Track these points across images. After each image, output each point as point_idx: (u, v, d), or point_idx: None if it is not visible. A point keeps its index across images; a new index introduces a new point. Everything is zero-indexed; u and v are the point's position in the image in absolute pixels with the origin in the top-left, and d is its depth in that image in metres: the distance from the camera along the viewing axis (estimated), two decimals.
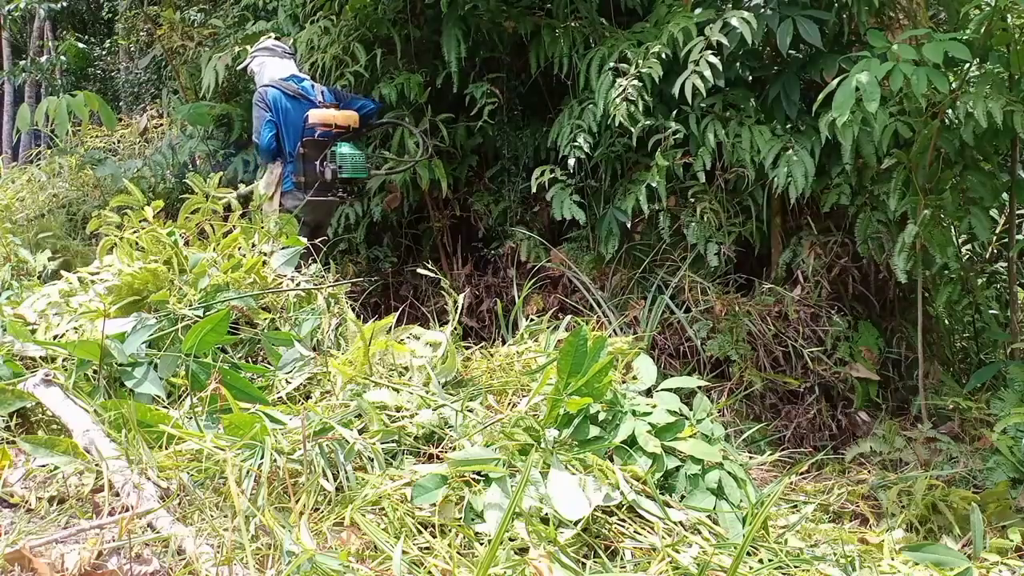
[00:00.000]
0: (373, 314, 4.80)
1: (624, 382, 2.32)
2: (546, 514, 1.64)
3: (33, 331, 2.39)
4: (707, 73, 3.76)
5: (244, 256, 2.83)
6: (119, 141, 7.70)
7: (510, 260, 4.85)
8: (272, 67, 4.67)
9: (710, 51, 3.80)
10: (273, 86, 4.57)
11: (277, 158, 4.57)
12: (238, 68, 5.14)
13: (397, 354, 2.32)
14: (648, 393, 2.23)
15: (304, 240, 3.14)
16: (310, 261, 3.30)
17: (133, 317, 2.32)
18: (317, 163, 4.43)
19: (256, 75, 4.74)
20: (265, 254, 2.90)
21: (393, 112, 4.81)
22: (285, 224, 3.29)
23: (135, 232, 2.85)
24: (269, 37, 4.88)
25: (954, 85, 3.40)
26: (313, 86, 4.67)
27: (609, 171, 4.49)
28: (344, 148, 4.46)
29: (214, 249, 2.87)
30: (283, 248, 3.00)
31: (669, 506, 1.79)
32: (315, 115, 4.47)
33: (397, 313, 2.80)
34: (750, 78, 4.35)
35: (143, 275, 2.51)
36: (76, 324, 2.39)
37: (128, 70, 8.71)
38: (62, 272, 2.84)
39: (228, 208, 3.23)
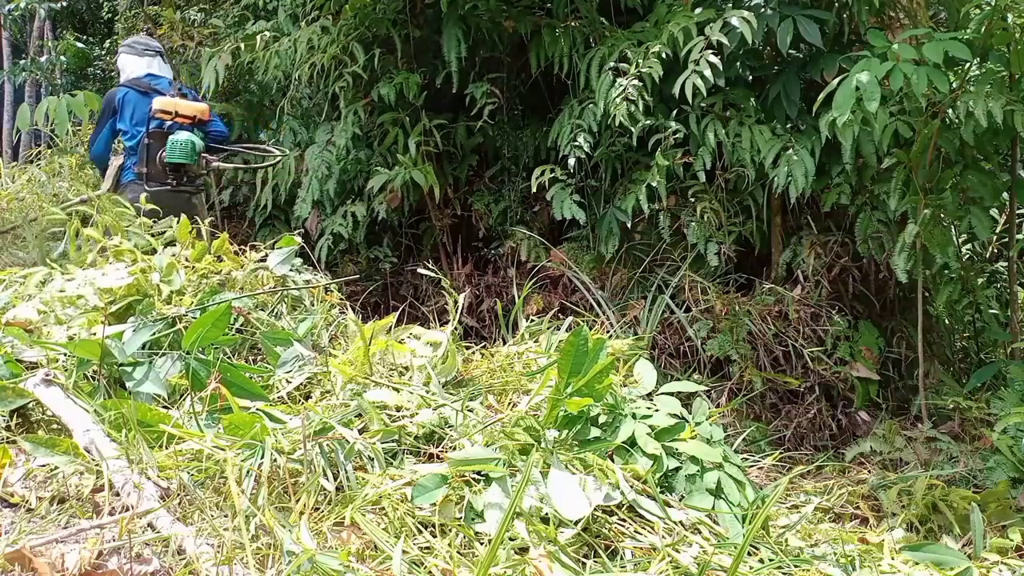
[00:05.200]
0: (373, 314, 4.80)
1: (624, 385, 2.32)
2: (546, 514, 1.64)
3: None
4: (707, 73, 3.76)
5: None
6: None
7: (510, 260, 4.85)
8: (131, 66, 4.71)
9: (710, 51, 3.80)
10: (125, 86, 4.61)
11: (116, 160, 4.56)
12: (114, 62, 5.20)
13: (397, 354, 2.32)
14: (648, 397, 2.23)
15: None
16: None
17: (130, 321, 2.33)
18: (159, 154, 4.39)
19: (121, 72, 4.80)
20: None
21: (391, 114, 4.81)
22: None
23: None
24: (137, 34, 4.90)
25: (954, 85, 3.40)
26: (171, 83, 4.65)
27: (609, 171, 4.48)
28: (178, 135, 4.37)
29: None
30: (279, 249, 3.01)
31: (669, 506, 1.79)
32: (158, 102, 4.42)
33: (397, 313, 2.80)
34: (750, 78, 4.35)
35: (127, 286, 2.54)
36: (72, 332, 2.39)
37: None
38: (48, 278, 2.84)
39: None
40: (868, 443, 3.43)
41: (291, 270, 2.98)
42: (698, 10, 4.01)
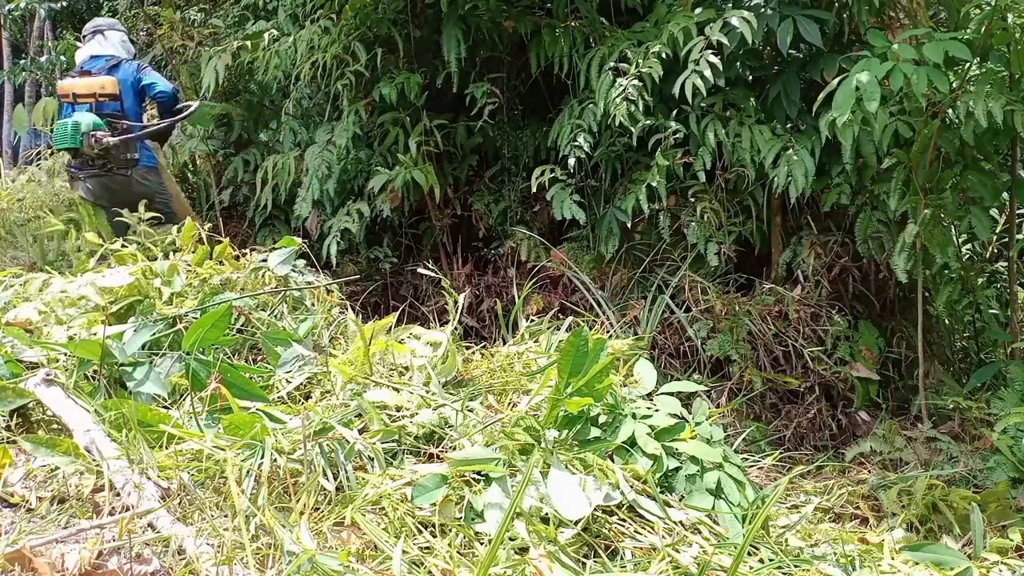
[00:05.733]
0: (373, 314, 4.80)
1: (624, 385, 2.32)
2: (546, 514, 1.64)
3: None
4: (707, 73, 3.76)
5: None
6: None
7: (510, 260, 4.85)
8: (78, 56, 4.61)
9: (710, 51, 3.80)
10: (68, 75, 4.51)
11: None
12: None
13: (397, 354, 2.33)
14: (648, 397, 2.23)
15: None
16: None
17: (131, 321, 2.33)
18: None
19: None
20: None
21: (391, 114, 4.81)
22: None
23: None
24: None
25: (954, 84, 3.39)
26: (108, 59, 4.50)
27: (609, 171, 4.48)
28: (61, 120, 4.15)
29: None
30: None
31: (669, 506, 1.80)
32: (59, 87, 4.31)
33: (397, 313, 2.80)
34: (750, 78, 4.35)
35: (128, 287, 2.54)
36: (73, 332, 2.39)
37: None
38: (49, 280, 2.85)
39: None
40: (868, 443, 3.43)
41: (292, 270, 2.98)
42: (698, 10, 4.01)
